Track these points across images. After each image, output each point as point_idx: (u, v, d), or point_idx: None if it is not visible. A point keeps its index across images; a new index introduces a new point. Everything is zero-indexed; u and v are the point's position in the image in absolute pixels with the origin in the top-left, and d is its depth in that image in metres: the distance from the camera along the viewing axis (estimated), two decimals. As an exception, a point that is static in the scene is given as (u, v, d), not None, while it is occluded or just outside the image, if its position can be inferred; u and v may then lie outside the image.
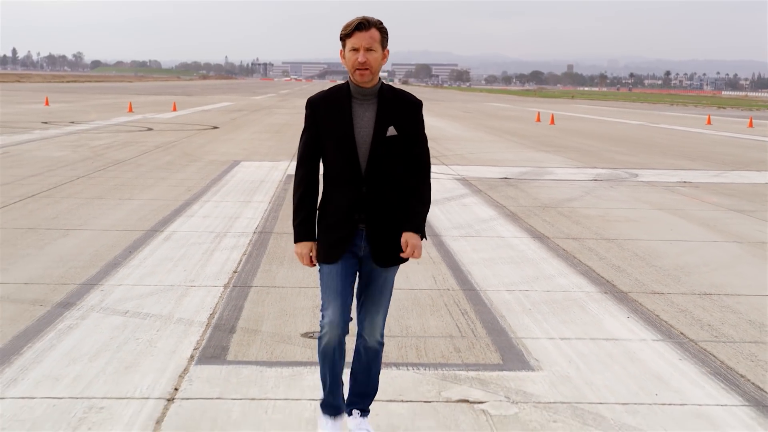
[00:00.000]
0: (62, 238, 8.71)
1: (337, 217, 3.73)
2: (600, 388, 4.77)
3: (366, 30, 3.60)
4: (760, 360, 5.37)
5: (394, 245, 3.76)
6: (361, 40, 3.59)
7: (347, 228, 3.72)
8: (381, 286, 3.85)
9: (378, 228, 3.74)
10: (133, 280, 7.02)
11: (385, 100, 3.72)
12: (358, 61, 3.59)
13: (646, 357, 5.37)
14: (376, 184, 3.70)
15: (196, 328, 5.74)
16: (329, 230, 3.76)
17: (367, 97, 3.71)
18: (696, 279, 7.60)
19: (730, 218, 11.24)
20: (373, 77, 3.67)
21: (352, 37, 3.61)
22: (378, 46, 3.63)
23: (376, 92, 3.71)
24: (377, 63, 3.63)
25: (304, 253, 3.78)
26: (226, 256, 8.03)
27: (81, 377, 4.74)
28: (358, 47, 3.59)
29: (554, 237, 9.50)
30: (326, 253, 3.77)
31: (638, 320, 6.21)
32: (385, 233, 3.75)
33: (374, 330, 3.88)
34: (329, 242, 3.76)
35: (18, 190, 12.00)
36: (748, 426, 4.31)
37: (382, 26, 3.68)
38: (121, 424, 4.12)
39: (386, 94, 3.73)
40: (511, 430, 4.17)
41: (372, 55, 3.60)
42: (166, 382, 4.68)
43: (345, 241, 3.73)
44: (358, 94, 3.70)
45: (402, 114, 3.73)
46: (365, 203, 3.71)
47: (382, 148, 3.68)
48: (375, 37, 3.62)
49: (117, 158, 16.93)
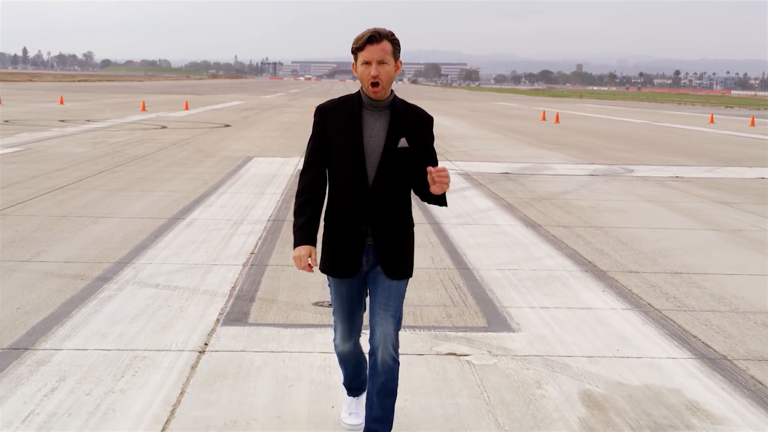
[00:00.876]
0: (93, 224, 9.51)
1: (343, 227, 3.70)
2: (569, 345, 5.55)
3: (377, 43, 3.55)
4: (713, 325, 6.13)
5: (402, 256, 3.74)
6: (373, 53, 3.55)
7: (354, 242, 3.69)
8: (389, 294, 3.75)
9: (385, 239, 3.70)
10: (161, 259, 7.82)
11: (398, 112, 3.68)
12: (371, 75, 3.55)
13: (614, 322, 6.14)
14: (381, 195, 3.66)
15: (220, 298, 6.53)
16: (335, 240, 3.73)
17: (379, 108, 3.67)
18: (670, 260, 8.36)
19: (713, 209, 11.98)
20: (386, 90, 3.63)
21: (364, 50, 3.56)
22: (390, 58, 3.58)
23: (389, 104, 3.68)
24: (389, 76, 3.59)
25: (301, 256, 3.72)
26: (243, 240, 8.83)
27: (124, 334, 5.54)
28: (370, 60, 3.55)
29: (545, 225, 10.27)
30: (333, 266, 3.75)
31: (612, 293, 6.98)
32: (392, 245, 3.71)
33: (387, 341, 3.72)
34: (335, 254, 3.73)
35: (46, 182, 12.82)
36: (690, 373, 5.07)
37: (394, 37, 3.64)
38: (162, 369, 4.91)
39: (398, 107, 3.70)
40: (490, 375, 4.94)
41: (384, 68, 3.56)
42: (197, 339, 5.48)
43: (357, 255, 3.71)
44: (370, 105, 3.67)
45: (413, 128, 3.70)
46: (370, 213, 3.66)
47: (392, 159, 3.64)
48: (387, 49, 3.57)
49: (135, 154, 17.74)
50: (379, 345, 3.71)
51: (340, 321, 3.83)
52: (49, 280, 6.91)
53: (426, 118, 3.77)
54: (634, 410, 4.48)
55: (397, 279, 3.74)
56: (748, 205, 12.52)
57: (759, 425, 4.32)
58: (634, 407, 4.52)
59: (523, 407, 4.48)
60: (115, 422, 4.15)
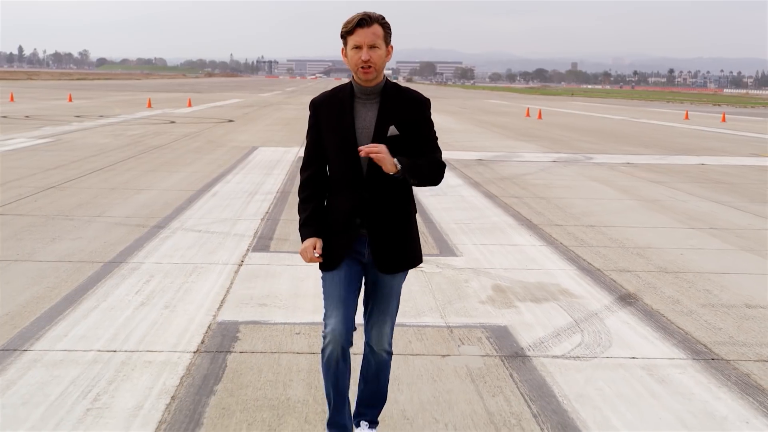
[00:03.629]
0: (137, 194, 11.93)
1: (338, 222, 3.62)
2: (494, 263, 7.99)
3: (368, 26, 3.44)
4: (601, 254, 8.57)
5: (397, 251, 3.65)
6: (364, 37, 3.43)
7: (347, 233, 3.61)
8: (387, 295, 3.73)
9: (380, 233, 3.60)
10: (198, 216, 10.25)
11: (389, 98, 3.57)
12: (361, 60, 3.44)
13: (530, 252, 8.58)
14: (377, 188, 3.56)
15: (247, 238, 8.96)
16: (330, 236, 3.65)
17: (371, 96, 3.56)
18: (590, 219, 10.80)
19: (645, 186, 14.44)
20: (378, 75, 3.51)
21: (354, 34, 3.44)
22: (381, 42, 3.47)
23: (380, 91, 3.56)
24: (381, 60, 3.47)
25: (306, 248, 3.63)
26: (259, 204, 11.26)
27: (184, 256, 7.97)
28: (361, 45, 3.43)
29: (501, 196, 12.71)
30: (328, 260, 3.65)
31: (536, 238, 9.42)
32: (387, 239, 3.62)
33: (382, 339, 3.79)
34: (330, 248, 3.64)
35: (86, 165, 15.22)
36: (571, 277, 7.50)
37: (385, 21, 3.52)
38: (215, 272, 7.34)
39: (390, 93, 3.58)
40: (435, 277, 7.37)
41: (376, 53, 3.45)
42: (236, 258, 7.92)
43: (345, 246, 3.62)
44: (361, 94, 3.56)
45: (406, 113, 3.57)
46: (366, 208, 3.58)
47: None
48: (378, 33, 3.46)
49: (154, 144, 20.14)
50: (374, 344, 3.80)
51: (334, 307, 3.62)
52: (119, 227, 9.34)
53: (420, 100, 3.63)
54: (524, 292, 6.93)
55: (390, 273, 3.68)
56: (676, 183, 14.99)
57: (600, 299, 6.76)
58: (524, 291, 6.97)
59: (453, 291, 6.93)
60: (193, 295, 6.57)
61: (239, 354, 5.20)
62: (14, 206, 10.44)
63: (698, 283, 7.37)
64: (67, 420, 4.15)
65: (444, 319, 6.09)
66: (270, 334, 5.58)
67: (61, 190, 12.02)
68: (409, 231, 3.73)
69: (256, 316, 6.03)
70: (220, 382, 4.72)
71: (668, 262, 8.26)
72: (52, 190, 11.91)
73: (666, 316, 6.29)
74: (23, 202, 10.74)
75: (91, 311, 6.04)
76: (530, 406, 4.50)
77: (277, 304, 6.39)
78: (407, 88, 3.65)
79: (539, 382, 4.84)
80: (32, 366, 4.88)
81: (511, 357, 5.28)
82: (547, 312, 6.33)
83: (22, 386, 4.56)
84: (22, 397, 4.42)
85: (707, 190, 14.15)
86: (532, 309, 6.42)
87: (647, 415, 4.40)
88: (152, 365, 4.94)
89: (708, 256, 8.62)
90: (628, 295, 6.89)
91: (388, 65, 4.35)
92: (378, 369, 3.86)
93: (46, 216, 9.82)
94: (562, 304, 6.59)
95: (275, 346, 5.35)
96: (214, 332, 5.62)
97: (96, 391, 4.52)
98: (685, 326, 6.06)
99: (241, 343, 5.40)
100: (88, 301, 6.31)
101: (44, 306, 6.13)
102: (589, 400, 4.59)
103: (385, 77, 3.59)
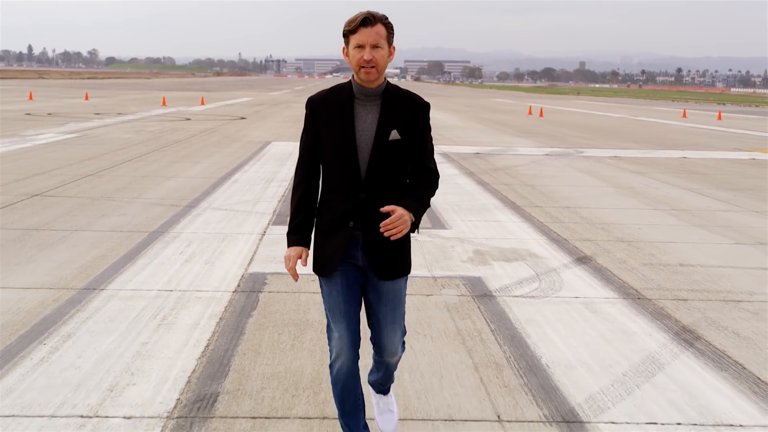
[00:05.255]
0: (167, 181, 13.41)
1: (333, 224, 3.55)
2: (477, 234, 9.44)
3: (371, 26, 3.39)
4: (570, 227, 10.00)
5: (394, 256, 3.58)
6: (367, 36, 3.39)
7: (341, 236, 3.53)
8: (393, 301, 3.65)
9: (376, 238, 3.50)
10: (223, 198, 11.73)
11: (390, 101, 3.52)
12: (364, 59, 3.39)
13: (510, 227, 10.02)
14: (375, 191, 3.50)
15: (267, 215, 10.43)
16: (324, 239, 3.59)
17: (371, 98, 3.51)
18: (569, 202, 12.24)
19: (625, 176, 15.87)
20: (379, 76, 3.47)
21: (357, 33, 3.40)
22: (384, 42, 3.43)
23: (381, 93, 3.52)
24: (384, 61, 3.43)
25: (291, 257, 3.58)
26: (275, 189, 12.73)
27: (216, 227, 9.44)
28: (364, 44, 3.39)
29: (492, 183, 14.16)
30: (321, 264, 3.60)
31: (517, 216, 10.85)
32: (384, 243, 3.52)
33: (394, 346, 3.73)
34: (324, 252, 3.58)
35: (116, 157, 16.72)
36: (540, 244, 8.94)
37: (388, 21, 3.47)
38: (243, 240, 8.80)
39: (391, 95, 3.53)
40: (426, 244, 8.82)
41: (378, 53, 3.41)
42: (260, 229, 9.39)
43: (339, 250, 3.54)
44: (361, 95, 3.51)
45: (407, 116, 3.53)
46: (363, 211, 3.51)
47: (383, 153, 3.49)
48: (381, 33, 3.41)
49: (174, 139, 21.63)
50: (386, 355, 3.78)
51: (337, 320, 3.59)
52: (156, 207, 10.82)
53: (421, 104, 3.61)
54: (498, 254, 8.38)
55: (389, 279, 3.61)
56: (654, 174, 16.41)
57: (561, 259, 8.21)
58: (499, 253, 8.42)
59: (440, 253, 8.38)
60: (227, 255, 8.04)
61: (268, 293, 6.66)
62: (61, 190, 11.93)
63: (646, 249, 8.82)
64: (145, 329, 5.63)
65: (431, 272, 7.55)
66: (291, 281, 7.04)
67: (99, 177, 13.52)
68: (405, 236, 3.60)
69: (279, 269, 7.49)
70: (255, 309, 6.19)
71: (626, 234, 9.70)
72: (91, 177, 13.41)
73: (612, 271, 7.74)
74: (68, 187, 12.24)
75: (146, 265, 7.52)
76: (490, 325, 5.95)
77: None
78: (407, 90, 3.62)
79: (499, 312, 6.30)
80: (110, 299, 6.37)
81: (480, 296, 6.74)
82: (515, 268, 7.79)
83: (106, 311, 6.04)
84: (109, 316, 5.90)
85: (681, 179, 15.57)
86: (503, 266, 7.87)
87: (577, 332, 5.84)
88: (202, 299, 6.42)
89: (662, 230, 10.06)
90: (584, 257, 8.34)
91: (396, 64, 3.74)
92: (388, 367, 3.90)
93: (91, 198, 11.32)
94: (528, 263, 8.04)
95: (296, 288, 6.81)
96: (247, 279, 7.09)
97: (163, 314, 6.00)
98: (625, 278, 7.50)
99: (268, 286, 6.87)
100: (142, 259, 7.79)
101: (108, 262, 7.61)
102: (535, 322, 6.04)
103: (386, 79, 3.56)
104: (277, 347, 5.38)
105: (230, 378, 4.79)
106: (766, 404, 4.63)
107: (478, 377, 4.91)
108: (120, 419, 4.20)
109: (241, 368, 4.96)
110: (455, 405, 4.48)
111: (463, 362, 5.15)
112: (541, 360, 5.23)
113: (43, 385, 4.62)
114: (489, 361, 5.19)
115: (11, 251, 7.92)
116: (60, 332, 5.54)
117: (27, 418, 4.19)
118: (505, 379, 4.89)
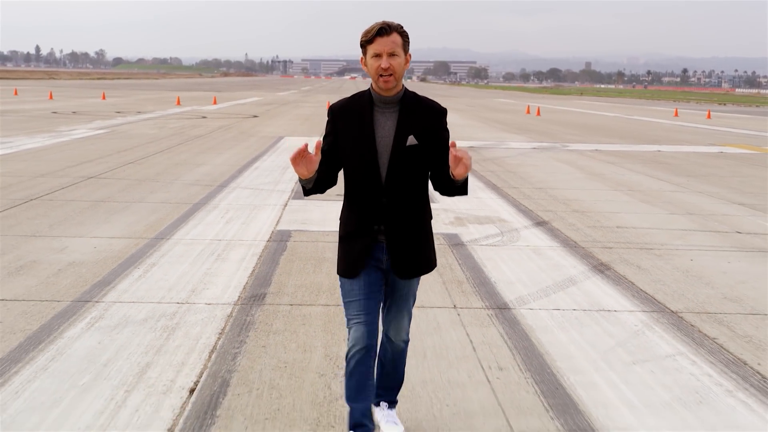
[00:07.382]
0: (197, 167, 15.55)
1: (357, 227, 3.71)
2: (460, 207, 11.54)
3: (387, 35, 3.53)
4: (541, 205, 12.10)
5: (415, 257, 3.75)
6: (384, 45, 3.52)
7: (366, 240, 3.69)
8: (405, 295, 3.89)
9: (398, 240, 3.68)
10: (248, 180, 13.87)
11: (408, 107, 3.64)
12: (381, 67, 3.52)
13: (488, 202, 12.12)
14: (397, 195, 3.64)
15: (287, 192, 12.56)
16: (349, 241, 3.74)
17: (390, 105, 3.64)
18: (543, 184, 14.34)
19: (599, 165, 17.97)
20: (397, 84, 3.59)
21: (374, 42, 3.53)
22: (400, 50, 3.55)
23: (399, 100, 3.64)
24: (401, 68, 3.55)
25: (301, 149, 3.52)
26: (292, 174, 14.87)
27: (246, 200, 11.57)
28: (381, 53, 3.52)
29: (479, 170, 16.27)
30: (346, 267, 3.75)
31: (495, 194, 12.95)
32: (405, 245, 3.71)
33: (401, 332, 3.98)
34: (349, 255, 3.74)
35: (147, 149, 18.87)
36: (510, 213, 11.05)
37: (403, 30, 3.59)
38: (269, 209, 10.92)
39: (409, 102, 3.66)
40: (417, 213, 10.95)
41: (395, 60, 3.53)
42: (282, 202, 11.52)
43: (364, 253, 3.70)
44: (381, 103, 3.63)
45: (425, 122, 3.65)
46: (385, 214, 3.66)
47: (402, 158, 3.61)
48: (397, 41, 3.54)
49: (195, 134, 23.77)
50: (392, 336, 3.98)
51: (357, 318, 3.71)
52: (194, 186, 12.96)
53: (438, 110, 3.73)
54: (474, 219, 10.49)
55: (408, 278, 3.80)
56: (625, 164, 18.50)
57: (523, 223, 10.31)
58: (475, 219, 10.53)
59: (427, 219, 10.51)
60: (259, 218, 10.17)
61: (293, 242, 8.79)
62: (110, 174, 14.09)
63: (594, 217, 10.93)
64: (207, 261, 7.78)
65: (418, 231, 9.67)
66: (310, 236, 9.16)
67: (138, 164, 15.67)
68: (426, 236, 3.82)
69: (301, 227, 9.62)
70: (284, 252, 8.32)
71: (583, 207, 11.81)
72: (132, 165, 15.57)
73: (561, 231, 9.85)
74: (115, 172, 14.40)
75: (197, 225, 9.66)
76: (458, 261, 8.07)
77: (313, 222, 10.01)
78: (425, 97, 3.72)
79: (467, 254, 8.41)
80: (176, 244, 8.51)
81: (454, 245, 8.85)
82: (485, 228, 9.90)
83: (176, 252, 8.17)
84: (179, 254, 8.05)
85: (648, 168, 17.67)
86: (476, 227, 9.99)
87: (522, 265, 7.95)
88: (244, 245, 8.56)
89: (613, 204, 12.16)
90: (542, 222, 10.45)
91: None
92: (395, 356, 4.05)
93: (137, 179, 13.47)
94: (497, 225, 10.16)
95: (314, 238, 8.94)
96: (276, 234, 9.22)
97: (217, 253, 8.14)
98: (570, 234, 9.61)
99: (293, 238, 9.00)
100: (192, 220, 9.93)
101: (167, 222, 9.75)
102: (492, 260, 8.15)
103: (404, 86, 3.68)
104: (303, 271, 7.52)
105: (273, 286, 6.93)
106: (639, 299, 6.73)
107: (444, 288, 7.03)
108: (203, 305, 6.33)
109: (279, 282, 7.10)
110: (427, 300, 6.59)
111: (435, 280, 7.27)
112: (491, 279, 7.36)
113: (146, 288, 6.77)
114: (453, 279, 7.32)
115: (88, 215, 10.07)
116: (146, 262, 7.68)
117: (140, 303, 6.32)
118: (463, 289, 7.02)
